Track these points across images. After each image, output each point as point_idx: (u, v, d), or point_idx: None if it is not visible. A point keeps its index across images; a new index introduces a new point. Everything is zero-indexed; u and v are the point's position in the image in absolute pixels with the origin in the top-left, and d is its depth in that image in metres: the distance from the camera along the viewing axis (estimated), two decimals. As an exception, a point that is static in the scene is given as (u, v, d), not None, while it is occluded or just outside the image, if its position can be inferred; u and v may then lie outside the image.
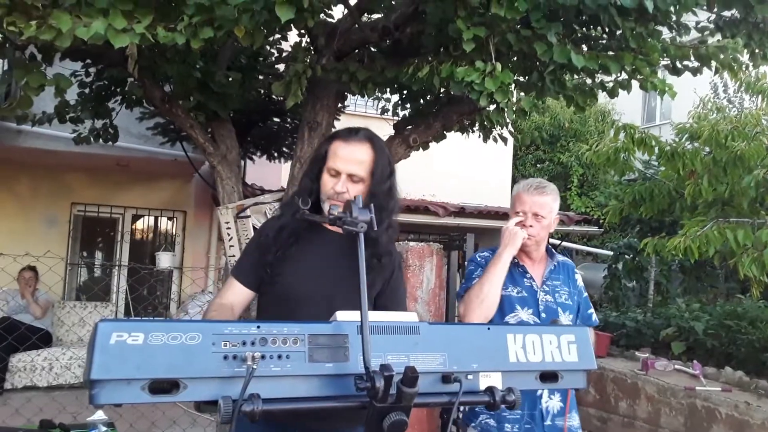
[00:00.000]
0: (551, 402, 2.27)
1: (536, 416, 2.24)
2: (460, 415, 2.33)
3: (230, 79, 4.12)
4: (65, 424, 2.59)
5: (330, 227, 1.77)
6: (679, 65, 3.83)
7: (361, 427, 1.39)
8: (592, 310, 2.48)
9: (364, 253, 1.75)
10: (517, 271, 2.36)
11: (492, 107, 3.09)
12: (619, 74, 3.70)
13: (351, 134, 1.80)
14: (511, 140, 5.32)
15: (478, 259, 2.44)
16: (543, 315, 2.28)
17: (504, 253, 2.27)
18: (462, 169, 8.95)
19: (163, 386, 1.06)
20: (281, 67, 4.83)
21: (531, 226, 2.30)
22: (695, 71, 3.89)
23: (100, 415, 2.54)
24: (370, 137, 1.82)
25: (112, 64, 4.08)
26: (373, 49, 4.07)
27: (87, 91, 4.73)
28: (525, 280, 2.35)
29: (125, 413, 2.75)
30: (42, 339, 6.00)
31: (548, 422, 2.25)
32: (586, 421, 6.04)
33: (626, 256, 8.50)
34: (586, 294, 2.50)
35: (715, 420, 4.99)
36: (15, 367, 5.93)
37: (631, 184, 7.87)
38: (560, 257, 2.47)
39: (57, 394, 5.32)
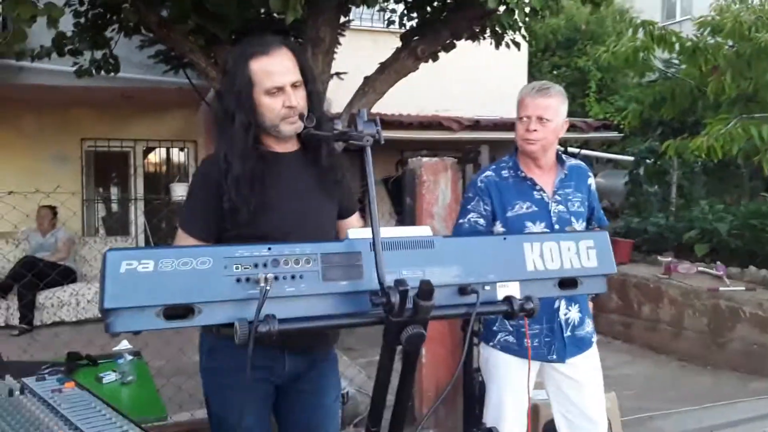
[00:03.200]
0: (570, 313, 2.26)
1: (555, 329, 2.23)
2: (480, 327, 2.34)
3: (227, -3, 3.93)
4: (92, 355, 2.66)
5: (280, 149, 1.73)
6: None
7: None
8: (600, 210, 2.45)
9: (324, 157, 1.70)
10: (525, 185, 2.27)
11: (502, 8, 2.93)
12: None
13: (265, 46, 1.66)
14: (525, 46, 5.11)
15: (479, 184, 2.30)
16: (556, 227, 2.22)
17: None
18: (476, 81, 8.67)
19: (178, 312, 1.06)
20: (280, -18, 4.60)
21: (535, 130, 2.19)
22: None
23: (125, 344, 2.61)
24: (281, 42, 1.71)
25: (104, -10, 3.93)
26: (374, -45, 3.85)
27: (83, 20, 4.60)
28: (535, 192, 2.26)
29: (151, 341, 2.80)
30: (63, 275, 6.10)
31: (568, 333, 2.25)
32: (609, 327, 6.13)
33: (647, 161, 8.34)
34: (597, 195, 2.46)
35: (739, 319, 5.02)
36: (42, 304, 6.09)
37: (651, 85, 7.62)
38: (572, 161, 2.37)
39: (84, 328, 5.47)
